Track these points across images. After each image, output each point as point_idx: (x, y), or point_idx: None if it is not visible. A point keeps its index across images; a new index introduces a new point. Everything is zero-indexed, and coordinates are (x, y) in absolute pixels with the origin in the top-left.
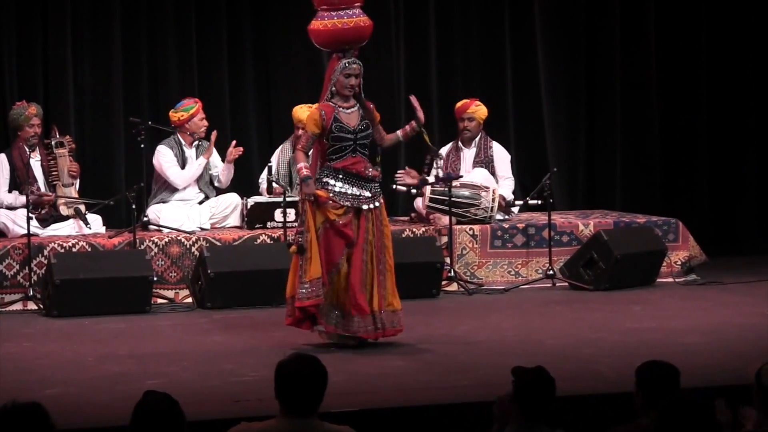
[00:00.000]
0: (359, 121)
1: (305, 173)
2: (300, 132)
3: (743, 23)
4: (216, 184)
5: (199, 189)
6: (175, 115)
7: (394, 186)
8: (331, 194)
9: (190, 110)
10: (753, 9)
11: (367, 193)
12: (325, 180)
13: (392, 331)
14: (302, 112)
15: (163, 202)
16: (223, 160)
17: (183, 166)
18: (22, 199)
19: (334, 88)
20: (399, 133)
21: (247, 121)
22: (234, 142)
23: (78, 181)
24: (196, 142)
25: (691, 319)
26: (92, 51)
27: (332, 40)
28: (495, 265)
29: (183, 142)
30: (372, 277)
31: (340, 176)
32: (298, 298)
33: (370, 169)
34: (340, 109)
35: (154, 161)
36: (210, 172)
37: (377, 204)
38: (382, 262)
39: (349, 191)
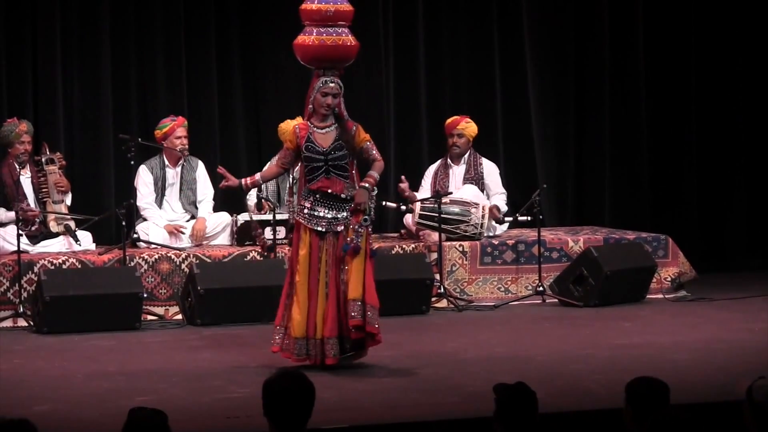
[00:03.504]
0: (333, 142)
1: (249, 181)
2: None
3: (733, 40)
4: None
5: (185, 209)
6: (155, 133)
7: (384, 203)
8: (305, 217)
9: (164, 128)
10: (743, 26)
11: (343, 214)
12: (303, 203)
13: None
14: (288, 125)
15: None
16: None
17: (162, 187)
18: (11, 215)
19: (311, 107)
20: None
21: (236, 137)
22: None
23: (69, 196)
24: (182, 161)
25: (681, 336)
26: (81, 68)
27: (316, 57)
28: (485, 281)
29: (166, 162)
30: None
31: (314, 198)
32: (282, 348)
33: (348, 191)
34: (315, 128)
35: (135, 181)
36: (198, 198)
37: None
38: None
39: (327, 214)
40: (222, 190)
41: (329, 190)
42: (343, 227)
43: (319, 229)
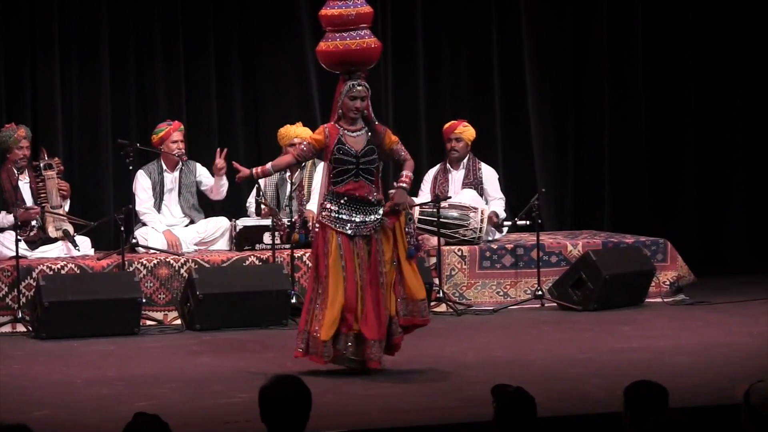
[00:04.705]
0: (365, 145)
1: (260, 170)
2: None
3: (731, 45)
4: (212, 197)
5: (184, 213)
6: (152, 137)
7: None
8: (333, 220)
9: (160, 132)
10: (740, 31)
11: (372, 218)
12: (328, 206)
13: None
14: (288, 130)
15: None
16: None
17: (161, 192)
18: (10, 218)
19: (340, 111)
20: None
21: (235, 143)
22: (219, 151)
23: (68, 202)
24: (180, 165)
25: (680, 339)
26: (80, 73)
27: (342, 62)
28: (484, 285)
29: (164, 167)
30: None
31: (343, 201)
32: (306, 352)
33: (374, 194)
34: (346, 132)
35: (133, 186)
36: (201, 188)
37: (381, 226)
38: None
39: (354, 218)
40: (238, 183)
41: (357, 194)
42: (372, 230)
43: (348, 232)
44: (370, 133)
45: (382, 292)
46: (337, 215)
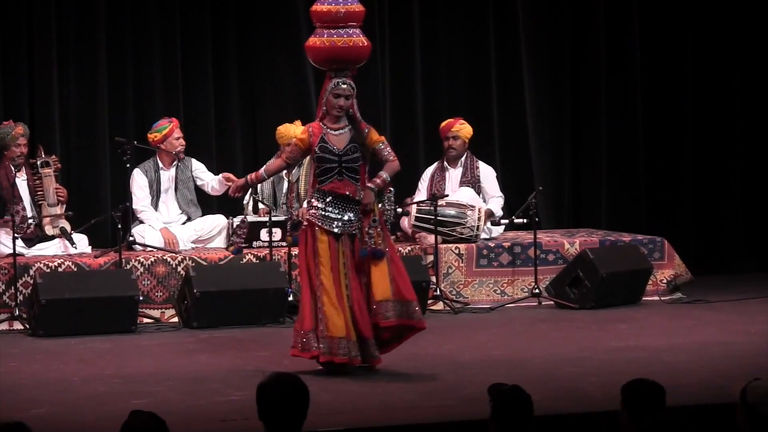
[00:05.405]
0: (347, 143)
1: (254, 176)
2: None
3: (729, 43)
4: (211, 192)
5: (181, 210)
6: (150, 136)
7: (379, 205)
8: (320, 218)
9: (163, 130)
10: (738, 29)
11: (357, 216)
12: (315, 204)
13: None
14: (287, 129)
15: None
16: (211, 171)
17: (158, 190)
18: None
19: (325, 108)
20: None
21: (232, 141)
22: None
23: (64, 206)
24: (176, 162)
25: (677, 338)
26: (77, 70)
27: (328, 59)
28: (481, 283)
29: (160, 165)
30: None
31: (329, 199)
32: (322, 353)
33: (360, 193)
34: (329, 130)
35: (130, 184)
36: (198, 183)
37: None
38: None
39: (342, 216)
40: (233, 195)
41: (341, 192)
42: (356, 229)
43: (335, 230)
44: (354, 132)
45: (365, 291)
46: (324, 213)
